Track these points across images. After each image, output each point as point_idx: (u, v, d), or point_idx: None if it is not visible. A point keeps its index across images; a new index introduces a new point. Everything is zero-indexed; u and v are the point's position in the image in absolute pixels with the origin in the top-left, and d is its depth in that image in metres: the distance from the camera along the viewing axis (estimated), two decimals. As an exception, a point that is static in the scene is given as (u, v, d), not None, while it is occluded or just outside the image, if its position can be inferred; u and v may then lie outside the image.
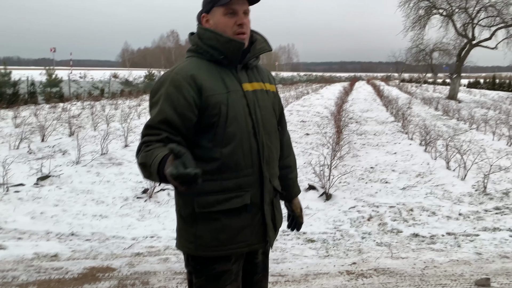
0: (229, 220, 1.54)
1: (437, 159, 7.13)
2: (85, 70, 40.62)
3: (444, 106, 16.26)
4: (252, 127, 1.56)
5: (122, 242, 3.81)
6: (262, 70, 1.73)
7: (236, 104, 1.53)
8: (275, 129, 1.68)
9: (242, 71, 1.61)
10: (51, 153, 7.57)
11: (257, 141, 1.56)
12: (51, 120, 11.30)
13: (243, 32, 1.54)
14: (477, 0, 21.16)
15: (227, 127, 1.51)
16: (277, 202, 1.71)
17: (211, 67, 1.55)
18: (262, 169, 1.58)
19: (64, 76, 24.87)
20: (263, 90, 1.65)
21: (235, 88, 1.55)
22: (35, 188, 5.35)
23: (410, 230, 4.21)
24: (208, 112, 1.50)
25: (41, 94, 19.79)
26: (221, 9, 1.53)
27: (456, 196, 5.28)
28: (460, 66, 23.44)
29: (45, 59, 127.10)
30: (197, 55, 1.58)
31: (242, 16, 1.54)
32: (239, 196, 1.54)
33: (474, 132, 10.45)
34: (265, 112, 1.62)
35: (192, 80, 1.49)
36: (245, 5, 1.55)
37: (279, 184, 1.71)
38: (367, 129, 11.15)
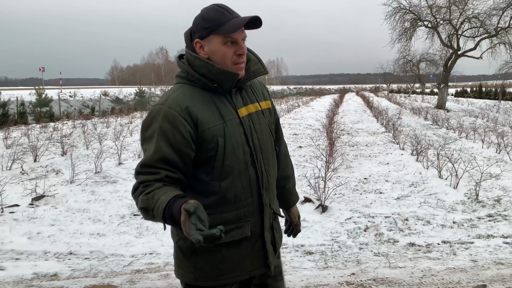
0: (230, 252, 1.51)
1: (429, 168, 7.24)
2: (75, 89, 40.51)
3: (433, 116, 16.51)
4: (250, 155, 1.51)
5: (122, 260, 3.81)
6: (256, 87, 1.68)
7: (233, 134, 1.48)
8: (273, 150, 1.65)
9: (237, 94, 1.55)
10: (45, 173, 7.53)
11: (256, 169, 1.53)
12: (42, 140, 11.26)
13: (242, 62, 1.48)
14: (461, 12, 21.70)
15: (225, 160, 1.45)
16: (277, 224, 1.69)
17: (204, 95, 1.48)
18: (262, 197, 1.55)
19: (54, 96, 24.82)
20: (259, 111, 1.60)
21: (231, 116, 1.49)
22: (30, 209, 5.33)
23: (406, 240, 4.26)
24: (205, 146, 1.44)
25: (31, 114, 19.72)
26: (220, 37, 1.44)
27: (449, 204, 5.36)
28: (447, 76, 23.89)
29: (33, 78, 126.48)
30: (189, 82, 1.49)
31: (241, 44, 1.46)
32: (239, 227, 1.50)
33: (463, 141, 10.62)
34: (262, 136, 1.58)
35: (187, 114, 1.41)
36: (243, 33, 1.48)
37: (277, 206, 1.69)
38: (359, 140, 11.28)
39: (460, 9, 21.63)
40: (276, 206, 1.67)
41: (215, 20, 1.43)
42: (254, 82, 1.67)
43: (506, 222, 4.64)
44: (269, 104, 1.70)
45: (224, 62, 1.46)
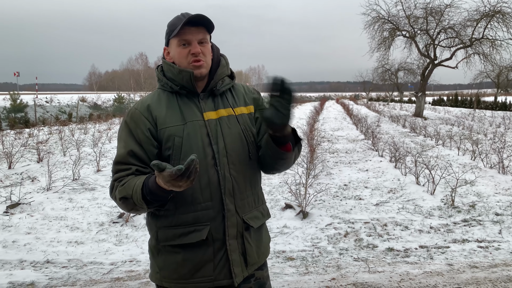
0: (189, 255, 1.51)
1: (407, 175, 7.39)
2: (51, 94, 39.70)
3: (411, 123, 16.87)
4: (212, 158, 1.51)
5: (101, 268, 3.75)
6: (237, 92, 1.67)
7: (193, 135, 1.50)
8: (245, 156, 1.58)
9: (208, 99, 1.58)
10: (20, 180, 7.35)
11: (218, 172, 1.51)
12: (17, 147, 10.99)
13: (198, 60, 1.52)
14: (437, 22, 22.31)
15: (181, 159, 1.47)
16: (254, 235, 1.61)
17: (171, 99, 1.56)
18: (224, 202, 1.51)
19: (29, 101, 24.27)
20: (232, 115, 1.59)
21: (194, 118, 1.53)
22: (5, 217, 5.18)
23: (385, 245, 4.34)
24: (164, 144, 1.50)
25: (5, 120, 19.23)
26: (175, 40, 1.53)
27: (426, 210, 5.48)
28: (424, 84, 24.47)
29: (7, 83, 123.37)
30: (161, 87, 1.60)
31: (195, 45, 1.52)
32: (198, 230, 1.49)
33: (440, 148, 10.89)
34: (230, 140, 1.55)
35: (149, 113, 1.52)
36: (199, 34, 1.53)
37: (257, 217, 1.62)
38: (339, 147, 11.42)
39: (436, 20, 22.26)
40: (250, 216, 1.59)
41: (172, 25, 1.54)
42: (237, 89, 1.68)
43: (480, 227, 4.78)
44: (251, 109, 1.66)
45: (181, 63, 1.53)
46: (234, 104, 1.62)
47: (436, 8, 21.97)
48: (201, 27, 1.53)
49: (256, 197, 1.64)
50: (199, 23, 1.52)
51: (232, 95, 1.65)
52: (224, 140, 1.54)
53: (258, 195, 1.66)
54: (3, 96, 26.94)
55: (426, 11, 22.12)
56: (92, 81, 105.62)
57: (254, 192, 1.63)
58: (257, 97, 1.56)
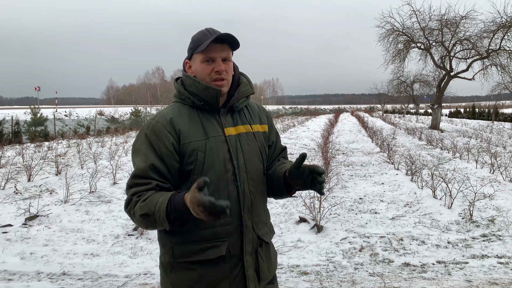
0: (205, 271, 1.49)
1: (424, 188, 7.28)
2: (70, 108, 40.58)
3: (428, 136, 16.65)
4: (232, 173, 1.52)
5: (115, 280, 3.77)
6: (253, 110, 1.70)
7: (215, 150, 1.51)
8: (261, 173, 1.62)
9: (227, 115, 1.60)
10: (38, 193, 7.49)
11: (238, 188, 1.52)
12: (37, 160, 11.22)
13: (221, 79, 1.53)
14: (452, 34, 22.15)
15: (203, 174, 1.47)
16: (265, 251, 1.63)
17: (193, 113, 1.55)
18: (242, 218, 1.52)
19: (49, 115, 24.84)
20: (250, 132, 1.62)
21: (216, 133, 1.53)
22: (24, 229, 5.28)
23: (401, 260, 4.26)
24: (186, 159, 1.49)
25: (25, 133, 19.68)
26: (200, 56, 1.53)
27: (444, 224, 5.38)
28: (440, 96, 24.20)
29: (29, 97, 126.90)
30: (180, 101, 1.58)
31: (219, 63, 1.52)
32: (216, 246, 1.48)
33: (457, 161, 10.70)
34: (250, 156, 1.58)
35: (172, 127, 1.50)
36: (223, 52, 1.53)
37: (267, 233, 1.65)
38: (354, 160, 11.33)
39: (452, 32, 22.11)
40: (263, 232, 1.61)
41: (197, 40, 1.54)
42: (252, 106, 1.71)
43: (500, 242, 4.66)
44: (265, 128, 1.71)
45: (205, 79, 1.54)
46: (251, 121, 1.65)
47: (452, 19, 21.86)
48: (226, 45, 1.54)
49: (266, 214, 1.67)
50: (224, 41, 1.53)
51: (249, 112, 1.68)
52: (244, 156, 1.56)
53: (266, 211, 1.69)
54: (24, 110, 27.66)
55: (441, 22, 22.01)
56: (109, 95, 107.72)
57: (265, 208, 1.67)
58: (270, 119, 1.74)
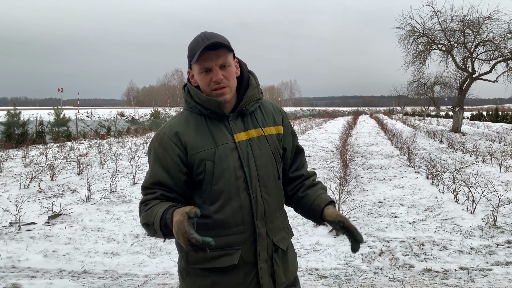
0: (219, 278, 1.48)
1: (445, 193, 7.14)
2: (92, 109, 41.33)
3: (449, 139, 16.34)
4: (243, 181, 1.49)
5: (135, 280, 3.82)
6: (267, 110, 1.64)
7: (225, 158, 1.47)
8: (275, 178, 1.57)
9: (237, 120, 1.54)
10: (61, 192, 7.65)
11: (250, 195, 1.49)
12: (60, 159, 11.47)
13: (221, 87, 1.47)
14: (475, 35, 21.68)
15: (213, 184, 1.46)
16: (281, 257, 1.59)
17: (200, 121, 1.51)
18: (256, 226, 1.49)
19: (72, 116, 25.37)
20: (262, 136, 1.56)
21: (225, 141, 1.49)
22: (47, 227, 5.40)
23: (422, 265, 4.19)
24: (195, 170, 1.47)
25: (49, 134, 20.13)
26: (196, 66, 1.47)
27: (466, 230, 5.26)
28: (462, 99, 23.71)
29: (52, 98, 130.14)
30: (189, 109, 1.55)
31: (216, 71, 1.45)
32: (229, 254, 1.47)
33: (480, 165, 10.46)
34: (262, 162, 1.53)
35: (178, 139, 1.48)
36: (219, 58, 1.45)
37: (284, 238, 1.60)
38: (373, 163, 11.20)
39: (474, 33, 21.63)
40: (279, 238, 1.57)
41: (192, 50, 1.47)
42: (266, 106, 1.65)
43: (525, 249, 4.53)
44: (280, 129, 1.64)
45: (205, 90, 1.49)
46: (264, 123, 1.60)
47: (474, 20, 21.38)
48: (222, 49, 1.46)
49: (282, 218, 1.63)
50: (218, 46, 1.45)
51: (261, 113, 1.61)
52: (255, 162, 1.51)
53: (283, 215, 1.64)
54: (48, 111, 28.33)
55: (464, 24, 21.55)
56: (130, 96, 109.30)
57: (281, 213, 1.62)
58: (286, 120, 1.68)
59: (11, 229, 5.26)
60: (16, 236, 5.01)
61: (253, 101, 1.56)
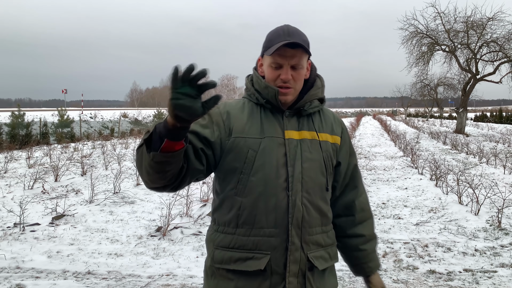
0: (243, 284, 1.36)
1: (449, 194, 7.11)
2: (95, 110, 41.50)
3: (452, 140, 16.28)
4: (285, 180, 1.37)
5: (139, 281, 3.82)
6: (326, 118, 1.54)
7: (269, 151, 1.37)
8: (322, 188, 1.43)
9: (292, 118, 1.45)
10: (65, 193, 7.68)
11: (288, 197, 1.36)
12: (63, 160, 11.51)
13: (286, 87, 1.40)
14: (479, 36, 21.61)
15: (251, 175, 1.36)
16: (319, 278, 1.43)
17: (255, 110, 1.45)
18: (289, 233, 1.35)
19: (75, 117, 25.45)
20: (315, 140, 1.45)
21: (274, 134, 1.40)
22: (51, 227, 5.42)
23: (426, 267, 4.17)
24: (234, 155, 1.37)
25: (53, 135, 20.21)
26: (268, 59, 1.41)
27: (470, 231, 5.24)
28: (465, 100, 23.63)
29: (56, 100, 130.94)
30: (247, 97, 1.49)
31: (286, 70, 1.39)
32: (257, 258, 1.35)
33: (484, 166, 10.42)
34: (310, 166, 1.41)
35: (227, 117, 1.41)
36: (294, 58, 1.39)
37: (322, 257, 1.43)
38: (376, 164, 11.17)
39: (478, 34, 21.57)
40: (315, 255, 1.40)
41: (269, 40, 1.43)
42: (326, 114, 1.55)
43: (530, 251, 4.51)
44: (337, 140, 1.52)
45: (269, 82, 1.44)
46: (320, 129, 1.49)
47: (478, 21, 21.33)
48: (299, 50, 1.39)
49: (325, 236, 1.45)
50: (297, 46, 1.39)
51: (320, 119, 1.51)
52: (302, 164, 1.39)
53: (328, 234, 1.47)
54: (52, 112, 28.45)
55: (467, 24, 21.50)
56: (133, 98, 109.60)
57: (324, 229, 1.45)
58: (345, 133, 1.57)
59: (15, 230, 5.28)
60: (20, 236, 5.03)
61: (313, 101, 1.48)
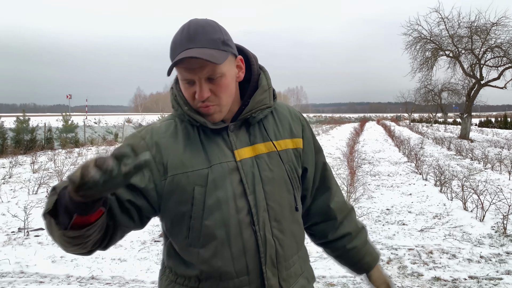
0: None
1: (454, 200, 7.07)
2: (100, 116, 41.75)
3: (457, 146, 16.21)
4: (247, 213, 1.10)
5: (142, 286, 3.82)
6: (282, 118, 1.25)
7: (221, 183, 1.09)
8: (291, 210, 1.19)
9: (240, 131, 1.16)
10: (69, 198, 7.70)
11: (256, 234, 1.10)
12: (68, 165, 11.55)
13: (206, 106, 1.09)
14: (483, 41, 21.59)
15: (204, 218, 1.08)
16: None
17: (192, 133, 1.13)
18: (264, 276, 1.11)
19: (80, 122, 25.60)
20: (273, 152, 1.17)
21: (223, 159, 1.11)
22: (55, 233, 5.43)
23: (431, 274, 4.14)
24: (176, 197, 1.08)
25: (57, 140, 20.29)
26: (178, 73, 1.10)
27: (475, 238, 5.20)
28: (470, 105, 23.56)
29: (60, 105, 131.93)
30: (177, 115, 1.17)
31: (202, 86, 1.06)
32: None
33: (489, 172, 10.36)
34: (273, 188, 1.14)
35: (157, 152, 1.09)
36: (204, 69, 1.05)
37: (302, 286, 1.22)
38: (380, 170, 11.14)
39: (482, 39, 21.55)
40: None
41: (172, 50, 1.09)
42: (281, 112, 1.26)
43: (536, 258, 4.47)
44: (298, 143, 1.25)
45: (190, 103, 1.12)
46: (277, 135, 1.21)
47: (482, 26, 21.32)
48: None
49: (302, 261, 1.24)
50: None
51: (274, 121, 1.23)
52: (264, 187, 1.13)
53: (303, 256, 1.26)
54: (56, 117, 28.61)
55: (471, 30, 21.49)
56: (137, 103, 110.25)
57: (300, 254, 1.24)
58: (306, 130, 1.30)
59: (20, 234, 5.30)
60: (25, 241, 5.04)
61: (261, 109, 1.17)
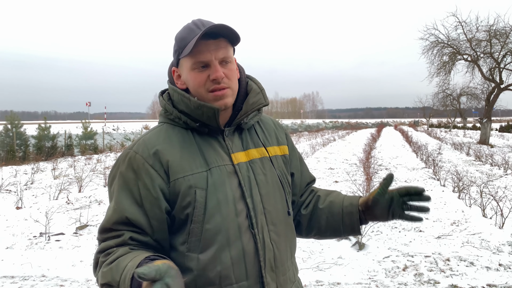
0: None
1: (472, 207, 6.97)
2: (118, 123, 42.41)
3: (476, 151, 15.93)
4: (246, 217, 1.11)
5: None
6: (267, 127, 1.30)
7: (221, 186, 1.10)
8: (284, 213, 1.20)
9: (234, 135, 1.19)
10: (88, 203, 7.87)
11: (255, 237, 1.11)
12: (87, 172, 11.80)
13: (221, 88, 1.11)
14: (502, 45, 21.21)
15: (205, 222, 1.07)
16: None
17: (186, 137, 1.14)
18: (264, 280, 1.11)
19: (99, 129, 26.11)
20: (266, 158, 1.21)
21: (221, 162, 1.12)
22: (75, 237, 5.57)
23: (448, 281, 4.10)
24: (180, 201, 1.08)
25: (77, 146, 20.75)
26: (188, 61, 1.12)
27: (494, 245, 5.12)
28: (489, 110, 23.13)
29: (80, 112, 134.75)
30: (169, 121, 1.18)
31: (216, 67, 1.10)
32: None
33: (509, 178, 10.16)
34: (268, 191, 1.17)
35: (156, 160, 1.09)
36: (220, 50, 1.11)
37: None
38: (397, 176, 11.03)
39: (501, 42, 21.17)
40: None
41: (182, 40, 1.13)
42: (266, 122, 1.31)
43: (557, 266, 4.37)
44: (285, 150, 1.30)
45: (198, 92, 1.13)
46: (266, 142, 1.25)
47: (501, 30, 20.95)
48: (222, 40, 1.12)
49: (294, 268, 1.26)
50: (218, 35, 1.11)
51: (262, 130, 1.27)
52: (260, 191, 1.15)
53: (295, 265, 1.28)
54: (76, 125, 29.26)
55: (490, 33, 21.15)
56: (155, 110, 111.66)
57: (293, 261, 1.25)
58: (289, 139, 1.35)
59: (41, 239, 5.45)
60: (46, 246, 5.19)
61: (255, 110, 1.21)
